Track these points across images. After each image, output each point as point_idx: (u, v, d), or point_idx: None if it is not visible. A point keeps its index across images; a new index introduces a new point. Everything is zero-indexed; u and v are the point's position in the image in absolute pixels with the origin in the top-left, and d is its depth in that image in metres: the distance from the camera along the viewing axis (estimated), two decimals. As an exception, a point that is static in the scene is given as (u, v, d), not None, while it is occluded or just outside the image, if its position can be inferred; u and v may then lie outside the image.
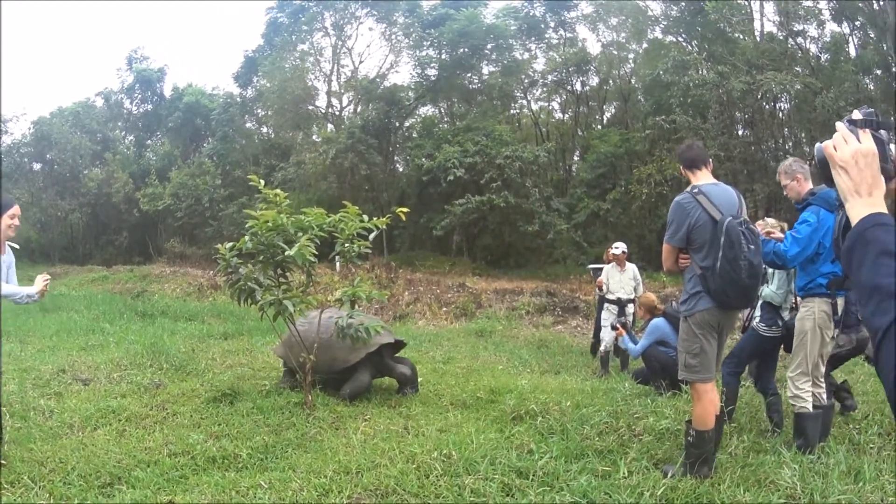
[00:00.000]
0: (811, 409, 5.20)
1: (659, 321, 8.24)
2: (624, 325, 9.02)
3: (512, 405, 6.75)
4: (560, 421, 6.15)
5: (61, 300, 18.49)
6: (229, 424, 6.42)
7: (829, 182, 1.49)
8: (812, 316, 5.20)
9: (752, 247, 4.59)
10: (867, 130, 1.45)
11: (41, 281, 5.37)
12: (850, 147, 1.42)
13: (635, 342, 8.51)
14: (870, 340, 1.25)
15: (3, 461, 5.08)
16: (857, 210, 1.37)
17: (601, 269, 11.27)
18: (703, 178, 4.88)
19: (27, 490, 4.72)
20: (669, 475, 4.62)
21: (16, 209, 5.21)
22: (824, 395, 5.56)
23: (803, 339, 5.25)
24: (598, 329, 11.75)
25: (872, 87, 22.62)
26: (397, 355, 8.38)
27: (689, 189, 4.78)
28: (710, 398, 4.73)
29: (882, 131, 1.50)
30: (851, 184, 1.40)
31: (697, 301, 4.71)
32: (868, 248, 1.28)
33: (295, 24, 33.24)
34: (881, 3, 21.96)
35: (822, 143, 1.52)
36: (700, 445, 4.67)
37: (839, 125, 1.49)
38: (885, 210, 1.35)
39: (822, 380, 5.52)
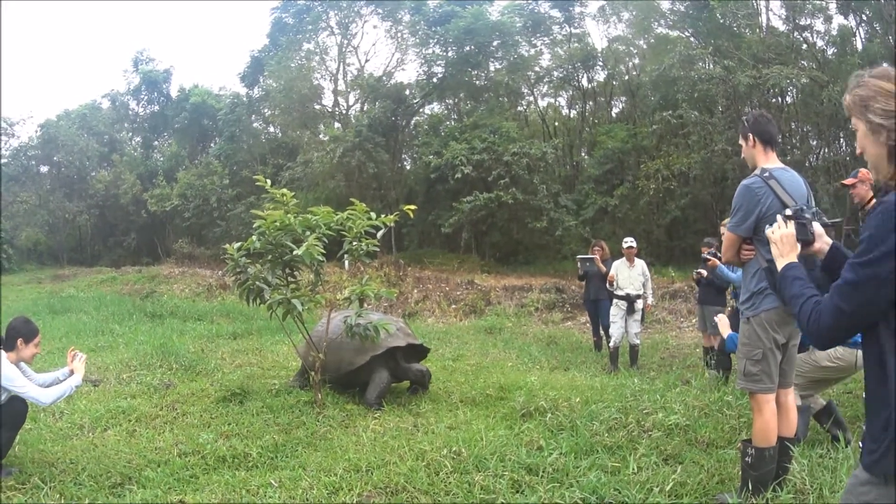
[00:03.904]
0: (799, 402, 5.16)
1: None
2: (716, 255, 8.33)
3: (521, 402, 6.75)
4: (569, 417, 6.15)
5: (70, 302, 18.56)
6: (239, 424, 6.44)
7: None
8: None
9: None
10: (791, 221, 2.64)
11: (80, 364, 5.36)
12: (779, 232, 2.63)
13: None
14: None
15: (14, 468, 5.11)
16: (780, 264, 2.54)
17: (589, 260, 11.27)
18: (772, 161, 4.33)
19: (38, 490, 4.75)
20: None
21: (38, 337, 5.26)
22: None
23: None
24: (596, 327, 11.78)
25: (879, 80, 22.46)
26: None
27: (758, 172, 4.23)
28: (771, 410, 4.23)
29: (806, 215, 2.70)
30: (778, 251, 2.61)
31: (762, 300, 4.18)
32: (786, 280, 2.45)
33: (300, 23, 33.23)
34: (888, -5, 21.86)
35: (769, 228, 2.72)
36: (759, 466, 4.20)
37: (778, 217, 2.69)
38: (795, 261, 2.51)
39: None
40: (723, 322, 4.78)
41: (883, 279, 1.94)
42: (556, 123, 34.96)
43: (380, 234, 7.32)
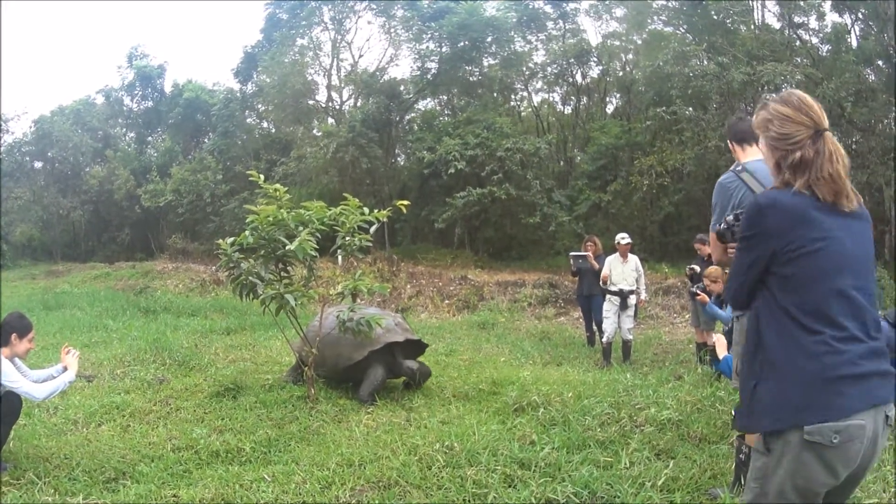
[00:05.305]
0: None
1: None
2: (705, 291, 8.03)
3: (514, 397, 6.78)
4: (562, 412, 6.17)
5: (64, 298, 18.53)
6: (232, 419, 6.46)
7: None
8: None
9: None
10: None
11: (74, 360, 5.36)
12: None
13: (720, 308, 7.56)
14: None
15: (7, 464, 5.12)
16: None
17: (582, 257, 11.31)
18: (751, 155, 4.28)
19: (32, 486, 4.76)
20: (717, 499, 4.26)
21: (33, 332, 5.26)
22: None
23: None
24: (589, 322, 11.81)
25: (873, 78, 22.54)
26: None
27: (732, 168, 4.24)
28: None
29: (737, 222, 2.84)
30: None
31: None
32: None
33: (293, 19, 33.12)
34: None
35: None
36: None
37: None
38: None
39: None
40: (720, 342, 4.75)
41: (752, 247, 2.53)
42: (551, 119, 34.96)
43: (373, 229, 7.33)
